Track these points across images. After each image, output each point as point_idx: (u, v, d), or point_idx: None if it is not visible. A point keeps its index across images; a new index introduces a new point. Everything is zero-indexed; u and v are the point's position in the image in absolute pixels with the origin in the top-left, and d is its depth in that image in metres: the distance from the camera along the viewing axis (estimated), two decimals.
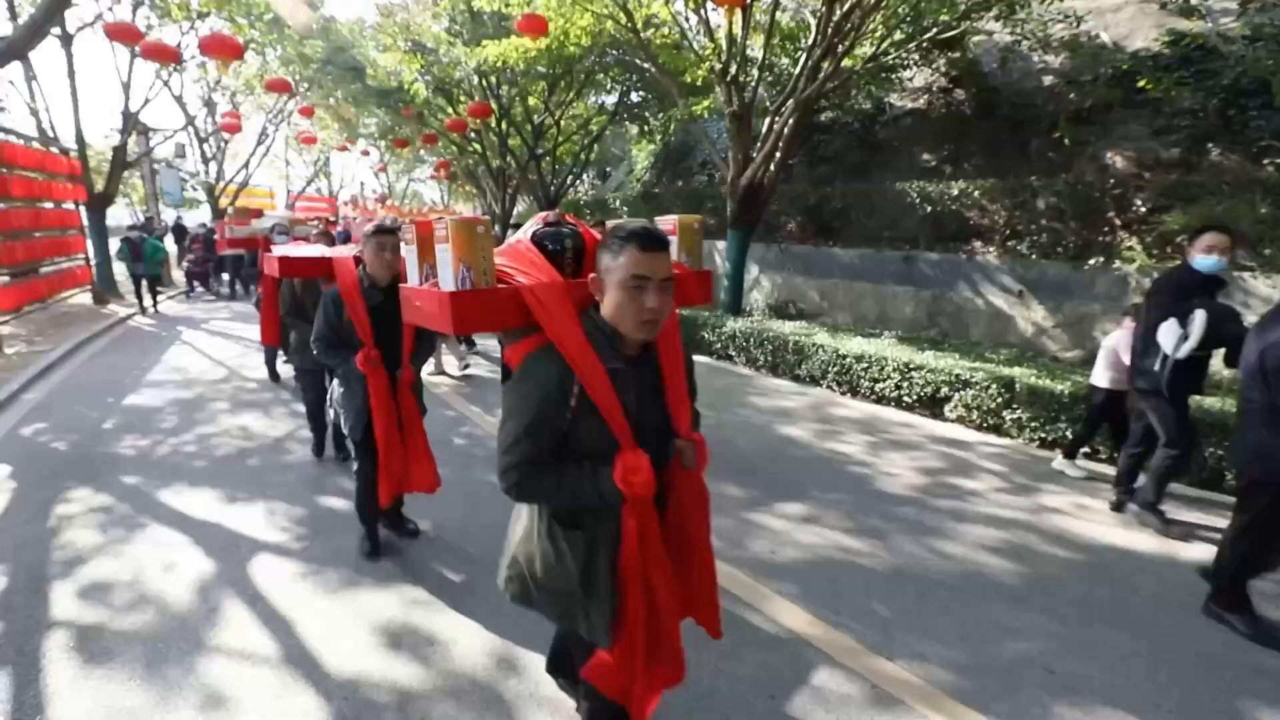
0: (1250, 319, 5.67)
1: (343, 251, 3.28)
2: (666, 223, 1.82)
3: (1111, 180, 6.95)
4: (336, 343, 2.86)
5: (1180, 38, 7.29)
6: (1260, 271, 5.74)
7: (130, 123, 12.54)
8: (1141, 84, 6.40)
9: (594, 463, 1.45)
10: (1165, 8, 6.79)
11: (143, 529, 3.41)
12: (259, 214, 9.98)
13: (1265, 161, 6.30)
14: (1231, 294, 5.84)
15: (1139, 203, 6.66)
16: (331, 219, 12.74)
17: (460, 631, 2.61)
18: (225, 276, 13.69)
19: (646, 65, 9.33)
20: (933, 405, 5.73)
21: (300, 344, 4.06)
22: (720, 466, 4.41)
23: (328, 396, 3.46)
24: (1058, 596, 2.98)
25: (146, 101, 12.85)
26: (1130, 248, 6.55)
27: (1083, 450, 4.52)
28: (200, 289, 13.99)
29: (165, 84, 14.03)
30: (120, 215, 24.42)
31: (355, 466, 3.06)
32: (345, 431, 2.99)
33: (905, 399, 5.96)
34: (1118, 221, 6.79)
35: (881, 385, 6.16)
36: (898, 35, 7.70)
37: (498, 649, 2.51)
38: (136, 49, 9.43)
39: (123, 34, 7.72)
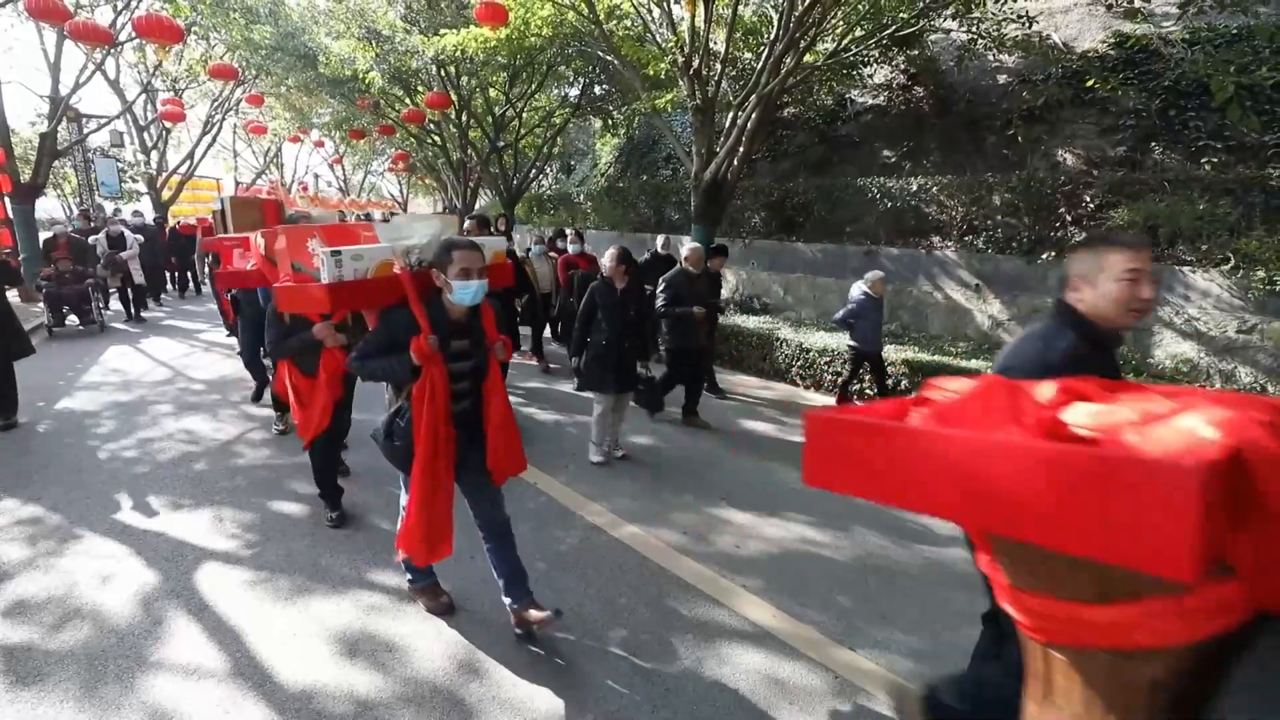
0: (1190, 313, 5.99)
1: None
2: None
3: (1062, 177, 7.18)
4: None
5: (1125, 40, 7.57)
6: (1198, 266, 6.02)
7: (60, 108, 11.80)
8: (1089, 83, 6.63)
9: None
10: (1111, 10, 7.04)
11: (77, 540, 3.21)
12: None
13: (1203, 160, 6.60)
14: (1172, 288, 6.11)
15: (1088, 199, 6.90)
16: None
17: (419, 636, 2.54)
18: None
19: (609, 58, 9.23)
20: (894, 398, 5.84)
21: None
22: (686, 461, 4.42)
23: None
24: None
25: (78, 85, 12.07)
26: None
27: None
28: (75, 318, 8.52)
29: (98, 68, 13.26)
30: (52, 207, 23.07)
31: None
32: None
33: (868, 392, 6.06)
34: (1068, 217, 7.02)
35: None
36: (858, 32, 7.79)
37: (459, 653, 2.45)
38: (64, 28, 8.85)
39: (47, 11, 7.19)
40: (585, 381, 4.23)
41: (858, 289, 5.66)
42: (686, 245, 5.10)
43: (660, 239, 6.99)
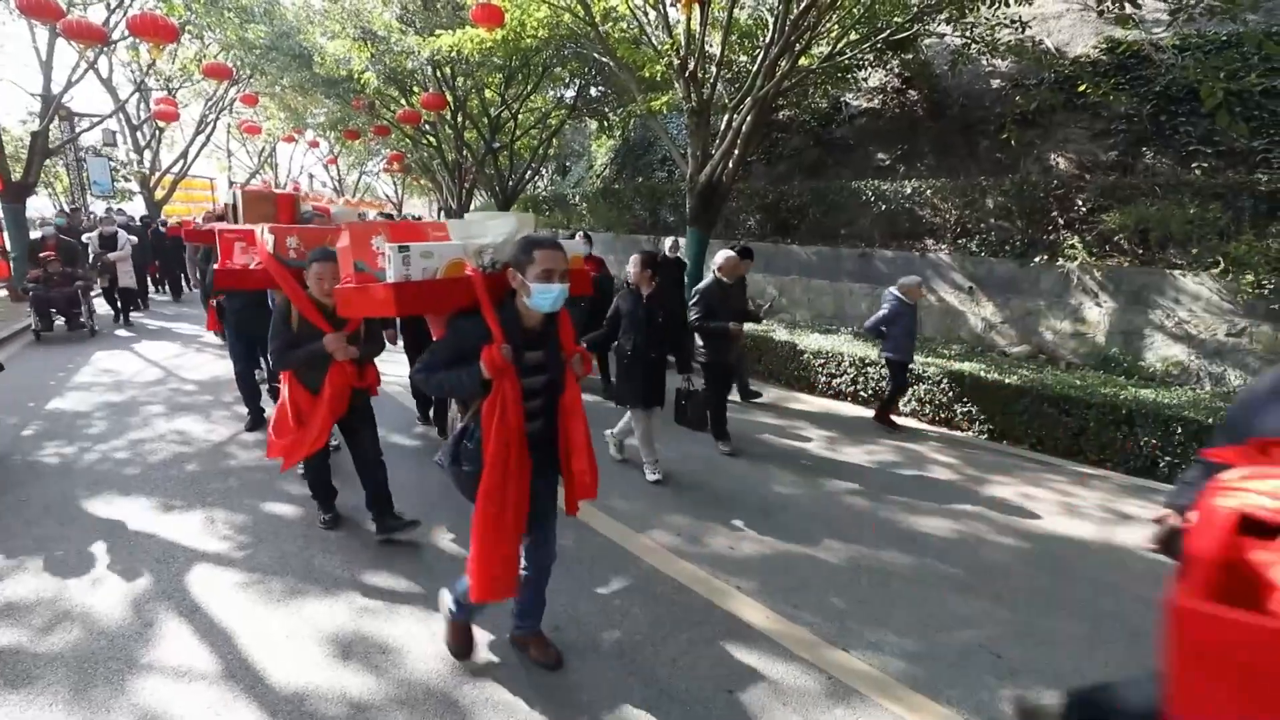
0: (1180, 316, 6.04)
1: None
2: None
3: (1055, 181, 7.23)
4: None
5: (1117, 45, 7.63)
6: (1189, 270, 6.07)
7: (52, 106, 11.72)
8: (1081, 89, 6.67)
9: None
10: (1102, 16, 7.08)
11: (66, 542, 3.19)
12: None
13: (1194, 165, 6.66)
14: (1164, 291, 6.16)
15: (1080, 202, 6.95)
16: None
17: (413, 638, 2.53)
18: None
19: (605, 59, 9.24)
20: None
21: None
22: (681, 463, 4.42)
23: None
24: (1004, 584, 3.08)
25: (70, 84, 11.98)
26: (1072, 246, 6.83)
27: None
28: (62, 322, 8.32)
29: (91, 66, 13.17)
30: (43, 206, 22.87)
31: None
32: None
33: (861, 394, 6.08)
34: (1060, 220, 7.07)
35: (838, 381, 6.28)
36: (853, 35, 7.81)
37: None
38: (57, 27, 8.78)
39: (39, 9, 7.11)
40: (617, 396, 4.29)
41: (889, 294, 5.42)
42: (720, 255, 4.88)
43: (668, 241, 6.98)
